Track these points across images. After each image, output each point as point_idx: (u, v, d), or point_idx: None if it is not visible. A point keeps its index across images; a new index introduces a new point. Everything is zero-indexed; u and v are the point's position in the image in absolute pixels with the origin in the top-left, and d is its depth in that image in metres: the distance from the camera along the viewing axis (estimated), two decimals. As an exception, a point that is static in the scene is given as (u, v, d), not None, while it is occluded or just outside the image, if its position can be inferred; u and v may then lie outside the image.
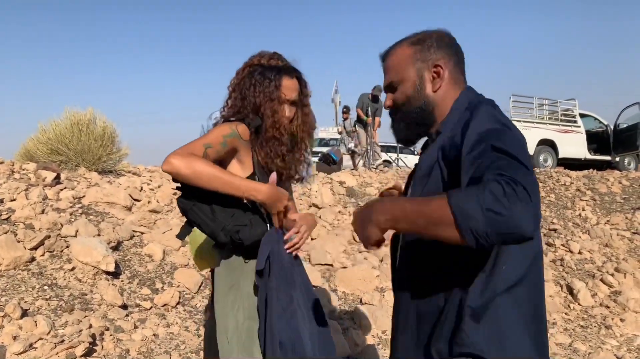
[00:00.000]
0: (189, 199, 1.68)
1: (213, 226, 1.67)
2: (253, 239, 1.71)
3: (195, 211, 1.68)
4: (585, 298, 5.23)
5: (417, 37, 1.44)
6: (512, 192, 0.99)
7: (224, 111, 1.94)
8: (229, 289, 1.78)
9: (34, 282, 3.44)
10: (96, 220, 4.82)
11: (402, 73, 1.42)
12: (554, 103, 13.56)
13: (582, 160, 12.74)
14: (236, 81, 1.91)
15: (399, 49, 1.45)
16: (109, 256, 3.71)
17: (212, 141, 1.71)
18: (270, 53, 1.93)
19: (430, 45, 1.41)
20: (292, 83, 1.89)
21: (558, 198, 8.64)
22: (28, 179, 5.76)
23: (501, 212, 0.98)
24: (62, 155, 6.93)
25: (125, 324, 3.27)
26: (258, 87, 1.83)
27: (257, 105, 1.84)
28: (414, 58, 1.41)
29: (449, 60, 1.41)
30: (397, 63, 1.44)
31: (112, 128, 7.35)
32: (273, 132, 1.84)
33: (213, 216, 1.67)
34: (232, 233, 1.68)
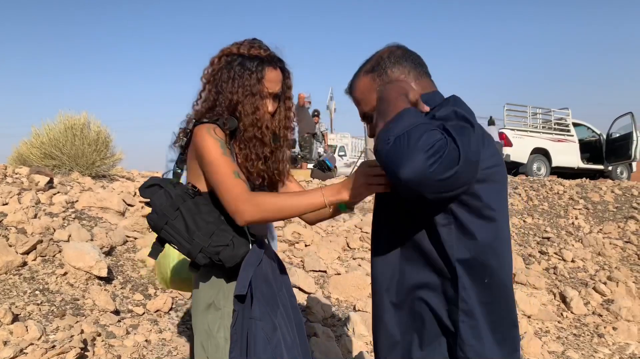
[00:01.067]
0: (159, 216, 1.53)
1: (189, 247, 1.52)
2: (235, 261, 1.53)
3: (168, 231, 1.54)
4: (578, 307, 5.25)
5: (371, 63, 1.46)
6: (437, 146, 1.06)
7: (197, 104, 1.71)
8: (207, 307, 1.62)
9: (26, 287, 3.41)
10: (89, 224, 4.79)
11: (370, 103, 1.43)
12: (548, 112, 13.67)
13: (575, 169, 12.84)
14: (211, 72, 1.67)
15: (359, 81, 1.47)
16: (101, 261, 3.69)
17: (229, 163, 1.53)
18: (250, 40, 1.68)
19: (385, 66, 1.42)
20: (275, 75, 1.66)
21: (551, 206, 8.69)
22: (21, 183, 5.73)
23: (441, 152, 1.06)
24: (55, 159, 6.90)
25: (117, 330, 3.24)
26: (237, 80, 1.61)
27: (234, 102, 1.61)
28: (374, 85, 1.42)
29: (408, 73, 1.42)
30: (362, 95, 1.46)
31: (106, 132, 7.33)
32: (254, 131, 1.63)
33: (189, 235, 1.51)
34: (212, 254, 1.52)
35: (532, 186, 9.72)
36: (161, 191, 1.56)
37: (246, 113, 1.62)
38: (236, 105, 1.62)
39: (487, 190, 1.23)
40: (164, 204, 1.53)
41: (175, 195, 1.54)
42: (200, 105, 1.70)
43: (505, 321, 1.29)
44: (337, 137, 19.36)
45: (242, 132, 1.63)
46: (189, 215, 1.52)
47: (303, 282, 4.25)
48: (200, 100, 1.71)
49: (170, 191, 1.55)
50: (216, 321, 1.59)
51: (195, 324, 1.65)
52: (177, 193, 1.55)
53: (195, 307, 1.67)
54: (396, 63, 1.42)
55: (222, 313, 1.59)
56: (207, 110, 1.65)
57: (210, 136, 1.54)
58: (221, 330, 1.58)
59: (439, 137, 1.07)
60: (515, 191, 9.21)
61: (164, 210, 1.53)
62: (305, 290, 4.20)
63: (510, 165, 12.21)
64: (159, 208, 1.53)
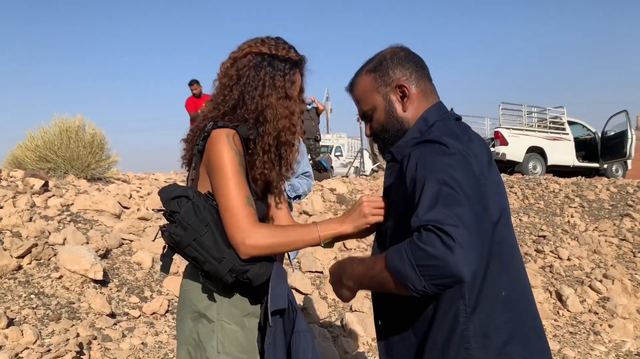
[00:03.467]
0: (188, 232, 1.39)
1: (218, 266, 1.39)
2: (262, 279, 1.43)
3: (196, 248, 1.40)
4: (574, 305, 5.26)
5: (373, 63, 1.45)
6: (441, 242, 1.06)
7: (214, 103, 1.59)
8: (197, 317, 1.53)
9: (21, 291, 3.41)
10: (85, 227, 4.78)
11: (370, 102, 1.44)
12: (543, 111, 13.70)
13: (571, 167, 12.86)
14: (236, 71, 1.54)
15: (360, 80, 1.46)
16: (97, 265, 3.68)
17: (243, 186, 1.43)
18: (275, 39, 1.58)
19: (387, 67, 1.42)
20: (299, 79, 1.59)
21: (547, 205, 8.71)
22: (16, 186, 5.71)
23: (431, 264, 1.06)
24: (50, 162, 6.87)
25: (113, 333, 3.24)
26: (269, 82, 1.51)
27: (263, 106, 1.51)
28: (376, 85, 1.42)
29: (410, 76, 1.42)
30: (363, 94, 1.46)
31: (101, 135, 7.31)
32: (287, 135, 1.55)
33: (220, 254, 1.39)
34: (240, 273, 1.40)
35: (527, 184, 9.74)
36: (189, 203, 1.41)
37: (278, 117, 1.52)
38: (265, 109, 1.51)
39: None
40: (192, 219, 1.40)
41: (204, 209, 1.42)
42: (220, 105, 1.56)
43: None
44: (333, 137, 19.36)
45: (265, 137, 1.52)
46: (218, 232, 1.41)
47: (299, 283, 4.25)
48: (220, 99, 1.57)
49: (199, 204, 1.42)
50: (208, 333, 1.50)
51: (180, 327, 1.58)
52: (205, 205, 1.43)
53: (181, 310, 1.59)
54: (399, 64, 1.42)
55: (215, 326, 1.50)
56: (227, 111, 1.54)
57: (230, 146, 1.43)
58: (214, 342, 1.49)
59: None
60: (511, 190, 9.23)
61: (194, 225, 1.39)
62: (302, 290, 4.20)
63: (506, 164, 12.23)
64: (186, 223, 1.39)
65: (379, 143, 1.50)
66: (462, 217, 1.11)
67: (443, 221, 1.08)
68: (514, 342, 1.27)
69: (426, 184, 1.18)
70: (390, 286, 1.16)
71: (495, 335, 1.25)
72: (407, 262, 1.09)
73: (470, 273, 1.07)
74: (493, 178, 1.32)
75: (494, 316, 1.24)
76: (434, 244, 1.06)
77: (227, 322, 1.51)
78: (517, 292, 1.32)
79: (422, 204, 1.16)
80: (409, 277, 1.09)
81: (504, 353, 1.25)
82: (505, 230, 1.33)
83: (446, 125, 1.35)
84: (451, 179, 1.16)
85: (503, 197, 1.36)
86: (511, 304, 1.29)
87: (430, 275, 1.07)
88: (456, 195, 1.14)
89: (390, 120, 1.42)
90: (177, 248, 1.43)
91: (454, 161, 1.20)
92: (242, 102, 1.53)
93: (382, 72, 1.42)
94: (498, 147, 12.09)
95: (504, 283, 1.28)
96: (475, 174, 1.22)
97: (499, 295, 1.26)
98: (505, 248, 1.31)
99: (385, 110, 1.42)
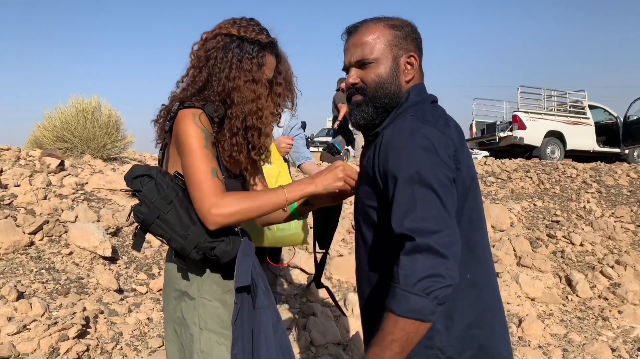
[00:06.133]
0: (151, 210, 1.42)
1: (183, 243, 1.41)
2: (230, 256, 1.45)
3: (160, 226, 1.43)
4: (584, 290, 5.21)
5: (395, 22, 1.40)
6: (431, 262, 1.10)
7: (181, 81, 1.59)
8: (180, 295, 1.56)
9: (32, 266, 3.52)
10: (97, 206, 4.89)
11: (378, 53, 1.36)
12: (563, 94, 13.42)
13: (591, 152, 12.61)
14: (204, 52, 1.54)
15: (377, 28, 1.38)
16: (105, 242, 3.77)
17: (209, 159, 1.44)
18: (248, 20, 1.56)
19: (407, 33, 1.39)
20: (271, 61, 1.58)
21: (563, 190, 8.58)
22: (33, 165, 5.85)
23: (436, 285, 1.10)
24: (67, 142, 7.02)
25: (120, 308, 3.33)
26: (235, 64, 1.50)
27: (228, 88, 1.50)
28: (393, 42, 1.37)
29: (419, 54, 1.41)
30: (374, 42, 1.37)
31: (116, 116, 7.42)
32: (254, 119, 1.53)
33: (183, 231, 1.41)
34: (207, 250, 1.42)
35: (544, 169, 9.59)
36: (151, 182, 1.44)
37: (245, 100, 1.51)
38: (231, 92, 1.51)
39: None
40: (155, 197, 1.42)
41: (167, 187, 1.43)
42: (186, 84, 1.57)
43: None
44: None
45: (233, 120, 1.52)
46: (183, 209, 1.42)
47: (305, 263, 4.30)
48: (188, 79, 1.58)
49: (162, 182, 1.44)
50: (189, 310, 1.53)
51: (166, 306, 1.62)
52: (168, 184, 1.44)
53: (165, 289, 1.62)
54: (416, 39, 1.41)
55: (196, 302, 1.53)
56: (195, 92, 1.54)
57: (195, 124, 1.44)
58: (195, 318, 1.53)
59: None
60: (526, 174, 9.11)
61: (157, 203, 1.42)
62: (307, 270, 4.25)
63: (524, 149, 12.06)
64: (150, 201, 1.42)
65: (361, 98, 1.40)
66: (441, 217, 1.15)
67: (425, 230, 1.13)
68: (479, 325, 1.28)
69: (399, 183, 1.20)
70: (418, 335, 1.12)
71: (459, 318, 1.26)
72: (416, 296, 1.09)
73: (458, 275, 1.13)
74: (465, 162, 1.31)
75: (459, 299, 1.25)
76: (433, 265, 1.10)
77: (208, 299, 1.54)
78: (482, 275, 1.33)
79: (398, 206, 1.18)
80: (424, 308, 1.09)
81: (468, 336, 1.26)
82: (474, 213, 1.33)
83: (422, 108, 1.33)
84: (424, 174, 1.18)
85: (474, 181, 1.35)
86: (476, 288, 1.30)
87: (441, 294, 1.10)
88: (430, 194, 1.16)
89: (392, 82, 1.37)
90: (143, 225, 1.45)
91: (426, 153, 1.21)
92: (209, 84, 1.53)
93: (402, 34, 1.38)
94: (516, 131, 11.91)
95: (469, 266, 1.28)
96: (446, 161, 1.22)
97: (464, 277, 1.26)
98: (472, 229, 1.32)
99: (391, 70, 1.37)
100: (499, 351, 1.33)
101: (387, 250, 1.26)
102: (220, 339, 1.50)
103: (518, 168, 9.59)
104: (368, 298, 1.43)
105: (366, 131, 1.44)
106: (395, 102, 1.38)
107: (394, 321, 1.11)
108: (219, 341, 1.50)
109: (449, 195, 1.19)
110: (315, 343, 3.34)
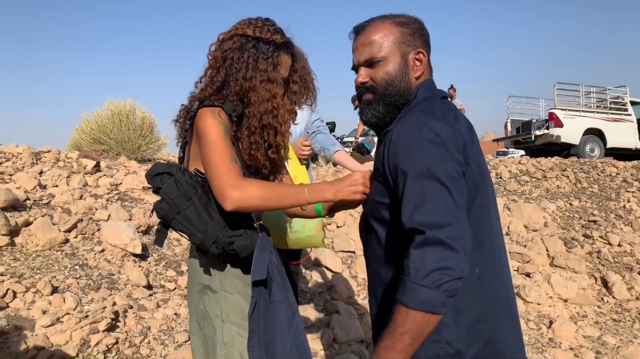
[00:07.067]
0: (171, 206, 1.47)
1: (202, 238, 1.47)
2: (249, 251, 1.50)
3: (180, 222, 1.48)
4: (621, 291, 5.04)
5: (401, 19, 1.40)
6: (441, 255, 1.10)
7: (200, 82, 1.64)
8: (202, 288, 1.61)
9: (67, 262, 3.66)
10: (130, 206, 5.04)
11: (386, 51, 1.37)
12: (603, 90, 12.97)
13: (633, 150, 12.15)
14: (221, 53, 1.58)
15: (384, 26, 1.39)
16: (136, 240, 3.89)
17: (228, 147, 1.47)
18: (264, 20, 1.60)
19: (415, 30, 1.40)
20: (287, 60, 1.61)
21: (602, 189, 8.32)
22: (71, 167, 6.08)
23: (446, 278, 1.09)
24: (104, 144, 7.26)
25: (149, 303, 3.43)
26: (252, 65, 1.54)
27: (245, 88, 1.54)
28: (401, 39, 1.37)
29: (427, 50, 1.41)
30: (382, 40, 1.37)
31: (150, 118, 7.63)
32: (270, 119, 1.58)
33: (203, 226, 1.46)
34: (226, 244, 1.47)
35: (582, 168, 9.31)
36: (171, 179, 1.49)
37: (261, 99, 1.55)
38: (248, 91, 1.55)
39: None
40: (175, 193, 1.47)
41: (186, 184, 1.48)
42: (204, 84, 1.62)
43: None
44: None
45: (251, 118, 1.56)
46: (202, 205, 1.47)
47: (330, 262, 4.32)
48: (206, 79, 1.63)
49: (181, 180, 1.49)
50: (212, 303, 1.58)
51: (190, 300, 1.68)
52: (187, 181, 1.49)
53: (189, 284, 1.68)
54: (423, 35, 1.41)
55: (218, 296, 1.58)
56: (213, 92, 1.58)
57: (215, 118, 1.49)
58: (218, 311, 1.58)
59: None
60: (563, 173, 8.87)
61: (176, 200, 1.47)
62: (332, 269, 4.27)
63: (561, 147, 11.72)
64: (169, 198, 1.47)
65: (372, 96, 1.40)
66: (451, 211, 1.15)
67: (435, 223, 1.13)
68: (485, 319, 1.27)
69: (409, 178, 1.20)
70: (428, 327, 1.12)
71: (466, 311, 1.26)
72: (426, 288, 1.09)
73: (468, 267, 1.12)
74: (475, 158, 1.30)
75: (467, 293, 1.24)
76: (443, 258, 1.10)
77: (230, 292, 1.58)
78: (491, 271, 1.32)
79: (408, 201, 1.18)
80: (434, 299, 1.09)
81: (475, 330, 1.26)
82: (484, 210, 1.32)
83: (431, 103, 1.33)
84: (434, 168, 1.18)
85: (485, 177, 1.34)
86: (484, 282, 1.29)
87: (453, 286, 1.10)
88: (440, 188, 1.16)
89: (402, 79, 1.37)
90: (164, 221, 1.51)
91: (436, 148, 1.21)
92: (227, 84, 1.56)
93: (410, 31, 1.39)
94: (552, 129, 11.59)
95: (478, 261, 1.27)
96: (455, 155, 1.22)
97: (473, 271, 1.25)
98: (482, 226, 1.31)
99: (400, 67, 1.37)
100: (506, 344, 1.32)
101: (399, 247, 1.25)
102: (241, 332, 1.54)
103: (554, 167, 9.35)
104: (382, 297, 1.40)
105: (378, 129, 1.45)
106: (405, 99, 1.39)
107: (404, 314, 1.12)
108: (241, 334, 1.54)
109: (458, 189, 1.19)
110: (338, 340, 3.36)
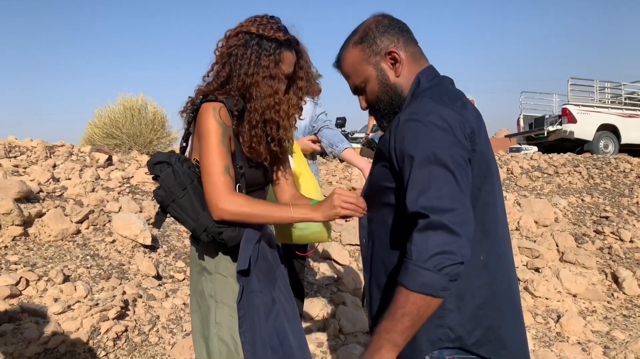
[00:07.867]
0: (167, 194, 1.57)
1: (195, 225, 1.56)
2: (237, 241, 1.57)
3: (175, 209, 1.58)
4: (631, 287, 5.00)
5: (359, 34, 1.43)
6: (444, 239, 1.11)
7: (207, 76, 1.70)
8: (200, 270, 1.70)
9: (78, 252, 3.73)
10: (141, 198, 5.11)
11: (362, 74, 1.42)
12: (618, 86, 12.82)
13: (649, 146, 11.99)
14: (227, 49, 1.64)
15: (348, 54, 1.44)
16: (145, 231, 3.95)
17: (223, 156, 1.55)
18: (269, 18, 1.66)
19: (374, 36, 1.40)
20: (290, 57, 1.66)
21: (615, 185, 8.23)
22: (84, 160, 6.18)
23: (448, 262, 1.10)
24: (116, 138, 7.36)
25: (158, 293, 3.49)
26: (254, 61, 1.59)
27: (247, 84, 1.60)
28: (365, 56, 1.40)
29: (397, 41, 1.41)
30: (352, 67, 1.43)
31: (162, 113, 7.72)
32: (272, 114, 1.64)
33: (195, 214, 1.56)
34: (215, 234, 1.55)
35: (595, 164, 9.22)
36: (169, 169, 1.59)
37: (262, 95, 1.61)
38: (250, 87, 1.61)
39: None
40: (171, 182, 1.57)
41: (183, 174, 1.57)
42: (211, 78, 1.69)
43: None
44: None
45: (252, 113, 1.62)
46: (195, 195, 1.57)
47: (337, 255, 4.34)
48: (212, 73, 1.69)
49: (178, 170, 1.58)
50: (207, 284, 1.66)
51: (191, 279, 1.77)
52: (185, 171, 1.58)
53: (191, 266, 1.77)
54: (385, 32, 1.41)
55: (213, 277, 1.66)
56: (218, 86, 1.65)
57: (214, 119, 1.56)
58: (212, 291, 1.66)
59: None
60: (575, 169, 8.79)
61: (172, 188, 1.57)
62: (339, 261, 4.29)
63: (575, 143, 11.60)
64: (166, 186, 1.57)
65: (376, 115, 1.48)
66: (455, 196, 1.16)
67: (439, 208, 1.14)
68: (488, 306, 1.28)
69: (415, 163, 1.20)
70: (429, 309, 1.14)
71: (470, 298, 1.27)
72: (428, 271, 1.10)
73: (469, 251, 1.13)
74: (481, 145, 1.31)
75: (471, 279, 1.25)
76: (445, 242, 1.11)
77: (224, 275, 1.65)
78: (496, 258, 1.33)
79: (414, 186, 1.19)
80: (435, 282, 1.10)
81: (478, 316, 1.27)
82: (490, 197, 1.33)
83: (438, 90, 1.34)
84: (440, 154, 1.19)
85: (491, 165, 1.35)
86: (488, 269, 1.30)
87: (454, 270, 1.11)
88: (446, 174, 1.17)
89: (384, 88, 1.41)
90: (161, 207, 1.61)
91: (443, 133, 1.21)
92: (231, 79, 1.63)
93: (369, 42, 1.40)
94: (565, 125, 11.48)
95: (483, 247, 1.28)
96: (462, 142, 1.23)
97: (478, 258, 1.27)
98: (488, 213, 1.32)
99: (378, 80, 1.41)
100: (505, 330, 1.33)
101: (405, 232, 1.26)
102: (233, 314, 1.60)
103: (566, 163, 9.27)
104: (386, 284, 1.40)
105: None
106: (401, 99, 1.41)
107: (405, 296, 1.13)
108: (232, 315, 1.60)
109: (464, 175, 1.20)
110: (344, 331, 3.38)
